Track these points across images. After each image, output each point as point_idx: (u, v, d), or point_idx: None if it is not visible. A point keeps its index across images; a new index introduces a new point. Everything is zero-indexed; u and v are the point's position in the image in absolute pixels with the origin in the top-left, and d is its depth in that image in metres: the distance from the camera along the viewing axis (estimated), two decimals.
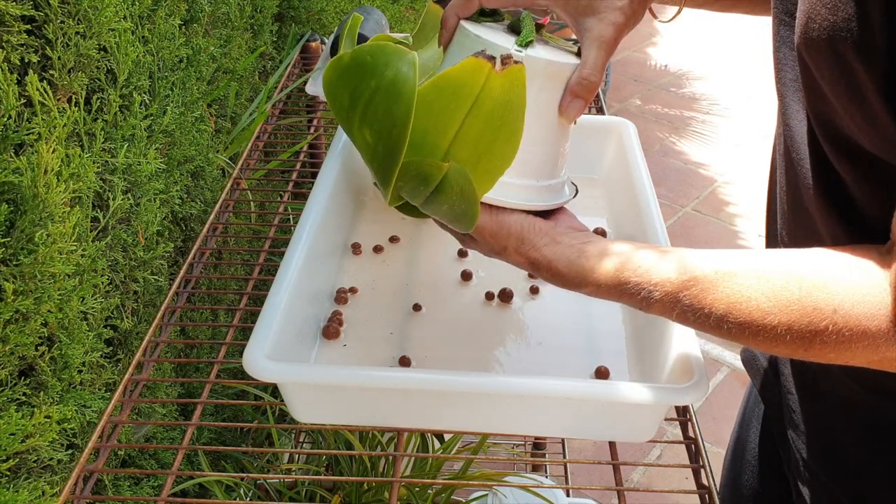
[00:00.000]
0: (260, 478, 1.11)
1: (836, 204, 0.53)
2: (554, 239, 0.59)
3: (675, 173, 3.01)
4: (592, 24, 0.62)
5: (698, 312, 0.53)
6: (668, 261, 0.55)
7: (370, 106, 0.59)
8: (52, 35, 0.73)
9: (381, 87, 0.58)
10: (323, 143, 1.34)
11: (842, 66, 0.46)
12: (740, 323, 0.51)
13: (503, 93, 0.57)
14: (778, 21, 0.55)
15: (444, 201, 0.59)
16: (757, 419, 0.81)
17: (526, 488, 1.06)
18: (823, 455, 0.64)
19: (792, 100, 0.55)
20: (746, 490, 0.81)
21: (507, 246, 0.61)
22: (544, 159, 0.65)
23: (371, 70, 0.58)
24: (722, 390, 2.06)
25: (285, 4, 1.54)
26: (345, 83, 0.61)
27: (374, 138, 0.60)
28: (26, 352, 0.72)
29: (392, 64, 0.57)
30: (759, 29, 0.77)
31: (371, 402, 0.67)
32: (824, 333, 0.48)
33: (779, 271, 0.51)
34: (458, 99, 0.57)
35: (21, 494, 0.71)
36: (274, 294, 0.69)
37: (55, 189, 0.71)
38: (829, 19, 0.45)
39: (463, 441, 1.16)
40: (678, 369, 0.65)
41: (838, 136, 0.50)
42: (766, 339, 0.51)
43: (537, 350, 0.76)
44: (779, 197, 0.62)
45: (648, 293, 0.54)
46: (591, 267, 0.57)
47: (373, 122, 0.60)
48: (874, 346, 0.47)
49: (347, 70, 0.60)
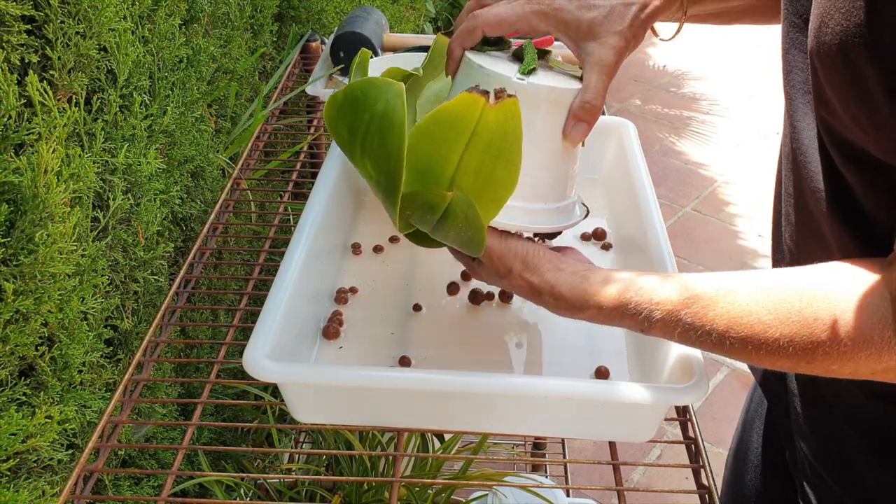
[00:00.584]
0: (260, 478, 1.11)
1: (844, 210, 0.53)
2: (557, 266, 0.61)
3: (675, 173, 3.01)
4: (594, 48, 0.63)
5: (700, 330, 0.53)
6: (669, 282, 0.55)
7: (367, 138, 0.62)
8: (52, 35, 0.73)
9: (374, 118, 0.61)
10: (323, 143, 1.34)
11: (853, 71, 0.46)
12: (742, 338, 0.51)
13: (499, 125, 0.59)
14: (789, 23, 0.55)
15: (451, 228, 0.62)
16: (760, 419, 0.80)
17: (526, 488, 1.06)
18: (829, 459, 0.64)
19: (801, 102, 0.55)
20: (749, 490, 0.81)
21: (512, 269, 0.62)
22: (551, 183, 0.66)
23: (363, 104, 0.62)
24: (722, 390, 2.06)
25: (285, 4, 1.54)
26: (342, 119, 0.64)
27: (375, 169, 0.63)
28: (26, 352, 0.72)
29: (381, 97, 0.61)
30: (758, 29, 0.77)
31: (371, 402, 0.67)
32: (826, 344, 0.48)
33: (779, 285, 0.51)
34: (456, 132, 0.59)
35: (21, 494, 0.71)
36: (274, 294, 0.69)
37: (55, 189, 0.71)
38: (843, 24, 0.45)
39: (463, 441, 1.16)
40: (678, 369, 0.65)
41: (843, 141, 0.50)
42: (769, 354, 0.51)
43: (537, 350, 0.76)
44: (784, 202, 0.62)
45: (650, 313, 0.55)
46: (593, 291, 0.58)
47: (371, 152, 0.63)
48: (877, 356, 0.47)
49: (343, 106, 0.64)
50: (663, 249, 0.75)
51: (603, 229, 0.89)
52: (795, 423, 0.67)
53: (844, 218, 0.53)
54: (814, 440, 0.65)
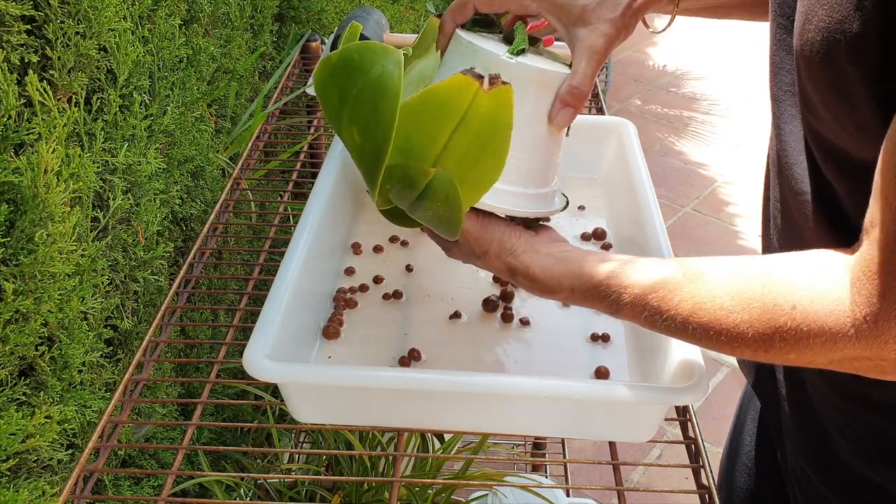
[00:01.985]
0: (260, 478, 1.11)
1: (829, 214, 0.52)
2: (533, 247, 0.61)
3: (675, 173, 3.01)
4: (584, 34, 0.63)
5: (665, 314, 0.52)
6: (641, 266, 0.55)
7: (358, 103, 0.60)
8: (52, 35, 0.73)
9: (367, 84, 0.58)
10: (323, 143, 1.34)
11: (834, 69, 0.45)
12: (704, 323, 0.51)
13: (490, 112, 0.58)
14: (776, 25, 0.55)
15: (430, 207, 0.60)
16: (752, 420, 0.80)
17: (526, 488, 1.06)
18: (816, 460, 0.64)
19: (788, 105, 0.55)
20: (742, 492, 0.81)
21: (488, 251, 0.62)
22: (533, 167, 0.65)
23: (358, 68, 0.59)
24: (722, 390, 2.06)
25: (285, 4, 1.54)
26: (334, 82, 0.62)
27: (362, 136, 0.61)
28: (26, 352, 0.72)
29: (378, 62, 0.58)
30: (758, 29, 0.77)
31: (371, 402, 0.67)
32: (783, 330, 0.47)
33: (746, 272, 0.51)
34: (445, 114, 0.58)
35: (21, 494, 0.71)
36: (274, 294, 0.69)
37: (55, 189, 0.71)
38: (825, 20, 0.45)
39: (463, 441, 1.16)
40: (678, 369, 0.65)
41: (827, 144, 0.49)
42: (729, 340, 0.50)
43: (537, 350, 0.76)
44: (772, 206, 0.62)
45: (619, 296, 0.55)
46: (566, 272, 0.58)
47: (360, 119, 0.60)
48: (832, 344, 0.46)
49: (336, 69, 0.61)
50: (663, 249, 0.75)
51: (603, 229, 0.89)
52: (785, 424, 0.67)
53: (829, 221, 0.52)
54: (801, 441, 0.65)
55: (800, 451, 0.65)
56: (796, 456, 0.66)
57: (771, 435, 0.75)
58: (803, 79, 0.49)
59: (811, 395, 0.63)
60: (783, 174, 0.56)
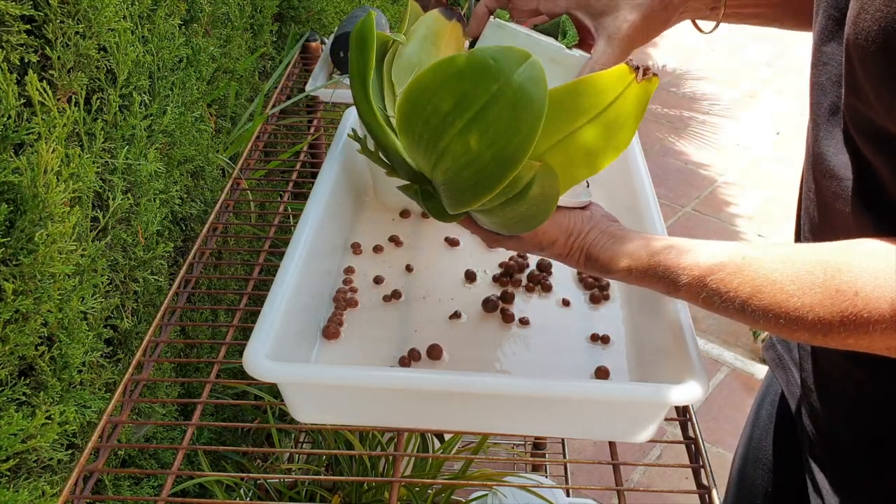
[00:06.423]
0: (260, 478, 1.11)
1: (868, 198, 0.53)
2: (594, 226, 0.63)
3: (675, 173, 3.01)
4: (608, 22, 0.66)
5: (724, 296, 0.54)
6: (698, 248, 0.57)
7: (488, 111, 0.55)
8: (51, 35, 0.73)
9: (505, 92, 0.54)
10: (323, 143, 1.34)
11: (890, 59, 0.46)
12: (764, 306, 0.52)
13: (632, 103, 0.57)
14: (826, 16, 0.55)
15: (519, 207, 0.58)
16: (770, 419, 0.80)
17: (526, 488, 1.06)
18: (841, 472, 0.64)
19: (832, 95, 0.55)
20: (759, 490, 0.81)
21: (556, 240, 0.63)
22: None
23: (495, 74, 0.55)
24: (722, 390, 2.06)
25: (285, 4, 1.54)
26: (451, 87, 0.56)
27: (485, 145, 0.56)
28: (26, 352, 0.72)
29: (517, 68, 0.54)
30: (758, 29, 0.77)
31: (371, 402, 0.67)
32: (844, 315, 0.49)
33: (804, 256, 0.52)
34: (589, 105, 0.56)
35: (21, 494, 0.71)
36: (274, 294, 0.69)
37: (55, 189, 0.71)
38: (883, 10, 0.45)
39: (463, 441, 1.16)
40: (678, 370, 0.65)
41: (875, 131, 0.50)
42: (788, 323, 0.51)
43: (537, 350, 0.76)
44: (804, 194, 0.62)
45: (676, 277, 0.56)
46: (624, 251, 0.60)
47: (486, 126, 0.55)
48: (892, 331, 0.48)
49: (460, 73, 0.56)
50: None
51: None
52: (805, 406, 0.68)
53: (868, 208, 0.53)
54: (823, 420, 0.65)
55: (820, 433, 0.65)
56: (814, 437, 0.66)
57: (791, 430, 0.74)
58: (854, 67, 0.50)
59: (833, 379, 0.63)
60: (819, 164, 0.57)
